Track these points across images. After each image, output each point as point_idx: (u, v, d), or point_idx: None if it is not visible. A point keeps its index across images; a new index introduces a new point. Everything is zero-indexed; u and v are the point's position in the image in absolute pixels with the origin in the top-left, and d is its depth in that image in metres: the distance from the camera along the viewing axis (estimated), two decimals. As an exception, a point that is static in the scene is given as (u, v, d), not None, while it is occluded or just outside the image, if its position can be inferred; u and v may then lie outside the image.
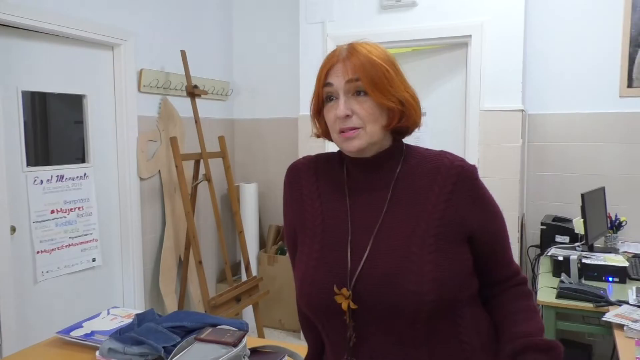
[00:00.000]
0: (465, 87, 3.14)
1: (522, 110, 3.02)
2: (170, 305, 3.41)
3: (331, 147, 1.09)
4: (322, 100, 0.97)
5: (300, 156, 3.40)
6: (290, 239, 1.06)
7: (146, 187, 3.31)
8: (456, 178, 0.93)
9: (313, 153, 1.13)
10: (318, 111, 1.01)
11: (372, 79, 0.90)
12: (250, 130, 4.21)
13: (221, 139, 3.43)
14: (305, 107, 3.43)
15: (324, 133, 1.02)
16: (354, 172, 0.99)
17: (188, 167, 3.34)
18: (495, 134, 2.98)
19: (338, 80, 0.92)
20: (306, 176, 1.04)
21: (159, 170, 3.40)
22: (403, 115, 0.94)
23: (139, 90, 3.21)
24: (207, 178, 3.26)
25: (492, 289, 1.01)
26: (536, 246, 3.16)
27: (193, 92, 3.26)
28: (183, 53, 3.26)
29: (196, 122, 3.27)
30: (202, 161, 3.28)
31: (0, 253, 2.43)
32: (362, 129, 0.92)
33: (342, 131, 0.93)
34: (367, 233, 0.93)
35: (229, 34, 4.14)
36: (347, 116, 0.91)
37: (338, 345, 0.91)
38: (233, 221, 4.07)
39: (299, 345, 1.56)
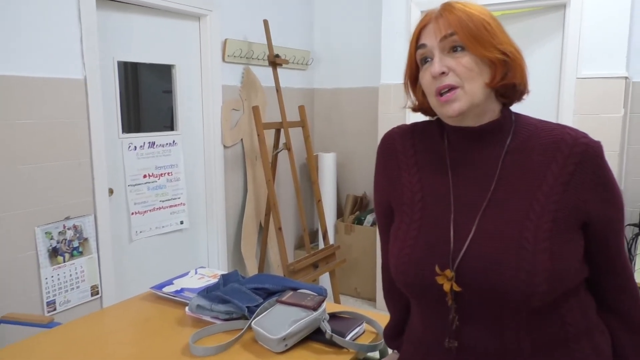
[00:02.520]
0: (561, 52, 2.91)
1: (626, 78, 2.76)
2: (251, 268, 3.55)
3: (413, 117, 0.99)
4: (416, 66, 0.90)
5: (379, 126, 3.40)
6: (382, 211, 1.01)
7: (229, 155, 3.42)
8: (579, 157, 0.82)
9: (393, 123, 1.05)
10: (413, 79, 0.93)
11: (470, 31, 0.82)
12: (329, 99, 4.20)
13: (301, 108, 3.46)
14: (387, 76, 3.35)
15: (421, 104, 0.94)
16: (456, 143, 0.91)
17: (269, 135, 3.41)
18: (592, 104, 2.75)
19: (431, 40, 0.85)
20: (402, 146, 0.96)
21: (242, 139, 3.50)
22: (508, 69, 0.84)
23: (223, 60, 3.29)
24: (287, 147, 3.31)
25: (599, 295, 0.91)
26: (634, 225, 2.93)
27: (275, 62, 3.29)
28: (265, 22, 3.29)
29: (277, 91, 3.31)
30: (282, 130, 3.33)
31: (100, 213, 2.63)
32: (460, 89, 0.84)
33: (439, 91, 0.85)
34: (472, 212, 0.85)
35: (310, 2, 4.11)
36: (443, 74, 0.83)
37: (436, 326, 0.86)
38: (311, 190, 4.12)
39: (376, 313, 1.56)
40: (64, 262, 2.48)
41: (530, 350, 0.82)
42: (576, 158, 0.82)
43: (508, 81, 0.85)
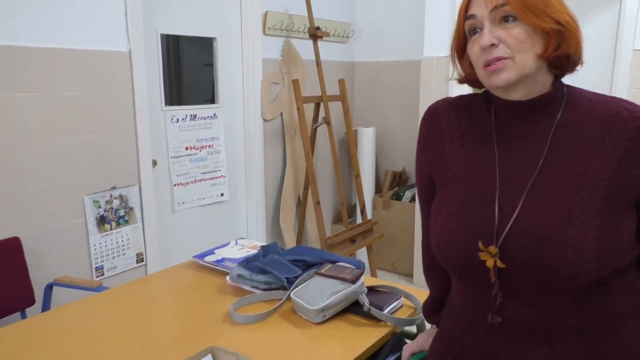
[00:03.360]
0: (617, 23, 2.76)
1: (687, 50, 2.60)
2: (289, 241, 3.60)
3: (456, 91, 0.97)
4: (464, 36, 0.87)
5: (421, 101, 3.33)
6: (424, 186, 0.99)
7: (269, 128, 3.44)
8: (635, 132, 0.78)
9: (435, 98, 1.02)
10: (461, 50, 0.90)
11: (523, 1, 0.78)
12: (370, 73, 4.14)
13: (341, 82, 3.42)
14: (430, 49, 3.27)
15: (468, 76, 0.91)
16: (503, 117, 0.87)
17: (308, 109, 3.40)
18: (649, 78, 2.61)
19: (481, 10, 0.81)
20: (447, 120, 0.94)
21: (281, 112, 3.51)
22: (562, 39, 0.80)
23: (263, 32, 3.28)
24: (327, 121, 3.30)
25: None
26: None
27: (315, 34, 3.26)
28: (306, -6, 3.25)
29: (317, 64, 3.28)
30: (322, 104, 3.32)
31: (144, 184, 2.70)
32: (510, 60, 0.80)
33: (487, 63, 0.81)
34: (519, 188, 0.82)
35: (352, -28, 4.02)
36: (493, 45, 0.80)
37: (478, 302, 0.85)
38: (350, 164, 4.11)
39: (414, 289, 1.56)
40: (111, 230, 2.57)
41: (576, 328, 0.80)
42: (631, 133, 0.78)
43: (562, 52, 0.81)
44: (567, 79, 0.88)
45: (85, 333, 1.36)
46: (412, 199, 3.74)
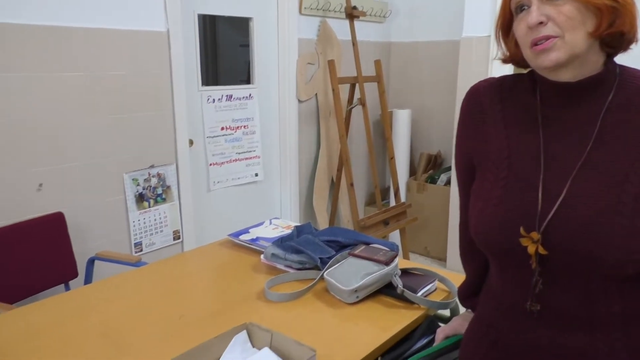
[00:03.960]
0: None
1: None
2: (322, 222, 3.62)
3: (496, 72, 0.93)
4: (510, 14, 0.83)
5: (459, 82, 3.26)
6: (463, 168, 0.96)
7: (304, 109, 3.44)
8: None
9: (474, 79, 0.98)
10: (506, 29, 0.86)
11: None
12: (407, 53, 4.07)
13: (377, 63, 3.38)
14: (469, 29, 3.18)
15: (513, 56, 0.87)
16: (550, 99, 0.83)
17: (343, 90, 3.37)
18: None
19: None
20: (489, 100, 0.90)
21: (316, 93, 3.49)
22: (616, 16, 0.75)
23: (299, 12, 3.26)
24: (362, 102, 3.27)
25: None
26: None
27: (352, 14, 3.21)
28: (343, -28, 3.20)
29: (353, 44, 3.24)
30: (357, 85, 3.29)
31: (181, 163, 2.75)
32: (559, 39, 0.76)
33: (534, 43, 0.77)
34: (564, 173, 0.79)
35: (390, -50, 3.93)
36: (541, 23, 0.76)
37: (517, 288, 0.83)
38: (384, 147, 4.08)
39: (447, 272, 1.54)
40: (149, 207, 2.64)
41: (620, 317, 0.78)
42: None
43: (615, 29, 0.76)
44: (621, 58, 0.84)
45: (126, 305, 1.40)
46: (447, 182, 3.69)
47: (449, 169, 3.81)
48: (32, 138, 2.15)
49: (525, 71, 0.90)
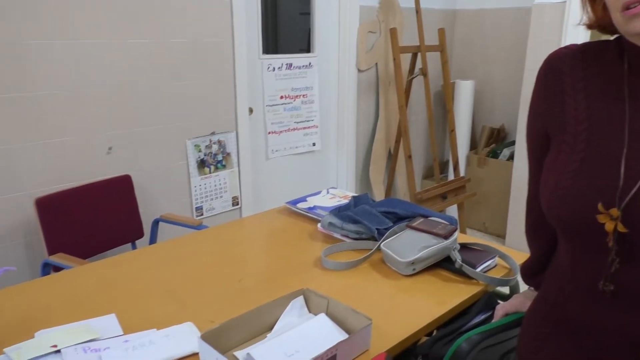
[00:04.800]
0: None
1: None
2: (378, 194, 3.60)
3: (570, 41, 0.85)
4: None
5: (528, 52, 3.10)
6: (536, 139, 0.92)
7: (363, 79, 3.39)
8: None
9: (547, 49, 0.91)
10: None
11: None
12: (472, 22, 3.89)
13: (440, 32, 3.26)
14: (541, -6, 2.99)
15: (599, 20, 0.81)
16: (639, 67, 0.77)
17: (405, 60, 3.29)
18: None
19: None
20: (570, 68, 0.84)
21: (376, 63, 3.42)
22: None
23: (362, -22, 3.18)
24: (423, 72, 3.18)
25: None
26: None
27: (416, -20, 3.10)
28: (409, -64, 3.07)
29: (417, 12, 3.14)
30: (419, 54, 3.19)
31: (241, 130, 2.80)
32: None
33: (626, 7, 0.71)
34: None
35: None
36: None
37: (590, 266, 0.79)
38: (445, 119, 3.97)
39: (507, 249, 1.50)
40: (210, 173, 2.72)
41: None
42: None
43: None
44: None
45: (188, 265, 1.46)
46: (510, 157, 3.55)
47: (513, 143, 3.66)
48: (103, 103, 2.24)
49: (611, 38, 0.83)
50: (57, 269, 1.81)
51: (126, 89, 2.31)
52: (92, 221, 2.14)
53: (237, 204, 2.89)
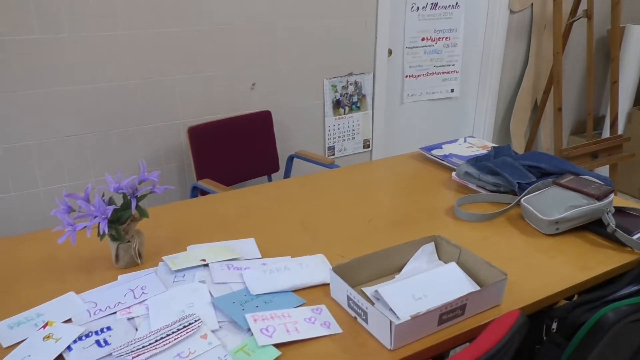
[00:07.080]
0: None
1: None
2: (517, 147, 3.36)
3: None
4: None
5: None
6: None
7: (514, 21, 3.10)
8: None
9: None
10: None
11: None
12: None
13: (615, -34, 2.82)
14: None
15: None
16: None
17: (566, 0, 2.93)
18: None
19: None
20: None
21: (532, 3, 3.10)
22: None
23: None
24: (588, 14, 2.81)
25: None
26: None
27: None
28: None
29: (588, -57, 2.74)
30: (585, -7, 2.82)
31: (379, 72, 2.75)
32: None
33: None
34: None
35: None
36: None
37: None
38: (607, 68, 3.52)
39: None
40: (344, 114, 2.74)
41: None
42: None
43: None
44: None
45: (320, 201, 1.51)
46: (684, 117, 3.07)
47: (690, 100, 3.15)
48: (249, 40, 2.33)
49: None
50: (203, 192, 1.99)
51: (270, 27, 2.37)
52: (234, 152, 2.29)
53: (368, 147, 2.89)
